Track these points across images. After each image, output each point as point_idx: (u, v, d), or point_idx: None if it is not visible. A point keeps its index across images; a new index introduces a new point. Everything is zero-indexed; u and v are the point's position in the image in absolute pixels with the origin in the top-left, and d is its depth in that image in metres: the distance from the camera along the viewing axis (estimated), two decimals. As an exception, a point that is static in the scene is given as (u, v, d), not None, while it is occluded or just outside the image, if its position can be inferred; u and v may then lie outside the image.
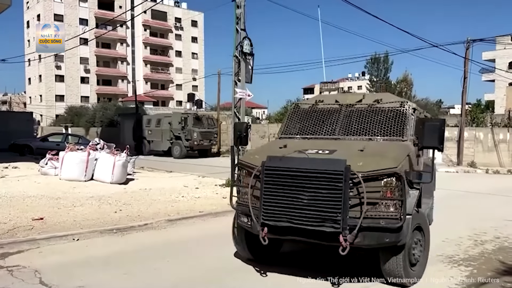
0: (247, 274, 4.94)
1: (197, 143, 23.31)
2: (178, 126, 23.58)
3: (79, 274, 4.80)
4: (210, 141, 24.55)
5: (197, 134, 23.21)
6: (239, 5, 11.52)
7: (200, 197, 9.91)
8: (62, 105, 55.35)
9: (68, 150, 11.69)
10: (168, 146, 24.26)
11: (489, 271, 5.11)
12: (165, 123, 24.61)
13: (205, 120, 24.68)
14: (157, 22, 67.10)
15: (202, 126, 23.96)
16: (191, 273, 4.97)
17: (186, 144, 23.30)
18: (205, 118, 25.03)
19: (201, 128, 23.74)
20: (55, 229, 6.56)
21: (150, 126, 25.48)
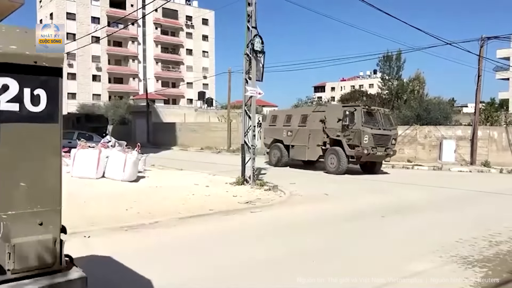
0: (258, 272, 4.91)
1: (368, 151, 15.08)
2: (337, 124, 15.75)
3: (90, 272, 4.77)
4: (386, 149, 15.92)
5: (369, 138, 15.16)
6: (250, 2, 11.47)
7: (211, 195, 9.90)
8: (74, 102, 55.82)
9: (79, 147, 11.77)
10: (318, 154, 16.63)
11: (505, 273, 5.01)
12: (314, 120, 16.92)
13: (380, 117, 16.06)
14: (168, 20, 67.28)
15: (376, 126, 15.65)
16: (202, 271, 4.95)
17: (350, 153, 15.30)
18: (381, 113, 16.28)
19: (374, 128, 15.51)
20: (66, 226, 6.57)
21: (291, 124, 17.99)
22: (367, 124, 15.20)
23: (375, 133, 15.26)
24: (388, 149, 15.95)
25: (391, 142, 16.06)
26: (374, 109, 16.43)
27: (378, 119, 15.73)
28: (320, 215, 8.46)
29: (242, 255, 5.61)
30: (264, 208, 8.85)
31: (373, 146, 15.08)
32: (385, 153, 15.85)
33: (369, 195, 11.23)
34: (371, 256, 5.66)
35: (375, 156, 15.54)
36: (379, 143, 15.36)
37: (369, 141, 14.99)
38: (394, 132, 16.57)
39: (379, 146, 15.39)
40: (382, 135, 15.53)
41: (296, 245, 6.14)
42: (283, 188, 11.05)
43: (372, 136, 15.07)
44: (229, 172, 13.50)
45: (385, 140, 15.73)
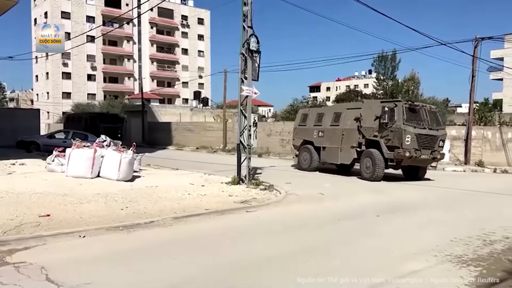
0: (255, 272, 4.91)
1: (410, 154, 13.08)
2: (374, 123, 13.75)
3: (86, 270, 4.79)
4: (433, 152, 13.85)
5: (412, 138, 13.17)
6: (246, 2, 11.46)
7: (206, 194, 9.89)
8: (69, 102, 55.66)
9: (74, 147, 11.71)
10: (352, 157, 14.55)
11: (499, 272, 5.05)
12: (348, 118, 14.87)
13: (425, 114, 13.89)
14: (164, 19, 67.19)
15: (420, 124, 13.58)
16: (197, 270, 4.95)
17: (389, 156, 13.35)
18: (426, 110, 14.08)
19: (418, 127, 13.46)
20: (61, 225, 6.57)
21: (322, 123, 15.96)
22: (410, 122, 13.23)
23: (419, 133, 13.28)
24: (435, 152, 13.80)
25: (438, 144, 13.90)
26: (419, 105, 14.18)
27: (423, 117, 13.64)
28: (316, 214, 8.48)
29: (238, 254, 5.61)
30: (260, 208, 8.86)
31: (416, 148, 13.16)
32: (431, 156, 13.73)
33: (364, 194, 11.27)
34: (366, 256, 5.68)
35: (419, 160, 13.50)
36: (424, 144, 13.42)
37: (411, 142, 13.07)
38: (442, 132, 14.30)
39: (424, 148, 13.45)
40: (427, 136, 13.49)
41: (291, 245, 6.15)
42: (279, 188, 11.06)
43: (415, 136, 13.14)
44: (224, 171, 13.49)
45: (431, 141, 13.65)
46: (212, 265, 5.17)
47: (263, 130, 24.68)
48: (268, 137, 25.45)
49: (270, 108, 67.47)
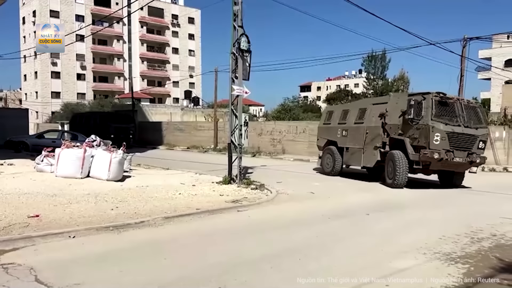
0: (246, 271, 4.92)
1: (440, 156, 11.16)
2: (400, 119, 12.02)
3: (75, 271, 4.76)
4: (470, 155, 11.67)
5: (442, 137, 11.22)
6: (236, 2, 11.46)
7: (197, 194, 9.88)
8: (58, 101, 55.17)
9: (64, 147, 11.62)
10: (375, 159, 12.72)
11: (486, 269, 5.12)
12: (373, 114, 13.05)
13: (460, 109, 11.70)
14: (154, 18, 66.89)
15: (454, 121, 11.52)
16: (188, 270, 4.95)
17: (414, 157, 11.46)
18: (463, 105, 11.88)
19: (451, 124, 11.44)
20: (51, 226, 6.52)
21: (347, 121, 14.33)
22: (440, 118, 11.30)
23: (452, 131, 11.32)
24: (473, 155, 11.61)
25: (477, 145, 11.73)
26: (452, 98, 12.05)
27: (458, 112, 11.55)
28: (306, 213, 8.51)
29: (229, 253, 5.62)
30: (251, 207, 8.87)
31: (448, 149, 11.24)
32: (467, 159, 11.58)
33: (355, 193, 11.34)
34: (356, 254, 5.73)
35: (451, 164, 11.55)
36: (457, 145, 11.42)
37: (441, 142, 11.15)
38: (483, 131, 12.02)
39: (458, 149, 11.42)
40: (462, 135, 11.45)
41: (282, 244, 6.18)
42: (270, 187, 11.08)
43: (446, 135, 11.21)
44: (215, 171, 13.48)
45: (467, 142, 11.56)
46: (203, 264, 5.17)
47: (254, 129, 24.72)
48: (259, 137, 25.48)
49: (261, 108, 67.59)
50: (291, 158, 22.03)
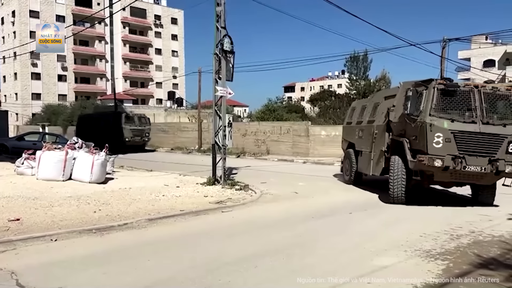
0: (230, 271, 4.95)
1: (442, 163, 8.44)
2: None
3: (58, 275, 4.72)
4: (494, 162, 8.52)
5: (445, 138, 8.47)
6: (219, 2, 11.48)
7: (181, 195, 9.86)
8: (39, 103, 54.26)
9: (45, 149, 11.47)
10: (381, 166, 10.45)
11: (465, 265, 5.25)
12: (383, 110, 10.75)
13: (479, 99, 8.66)
14: (136, 19, 66.33)
15: (466, 116, 8.58)
16: (173, 271, 4.95)
17: (412, 165, 8.90)
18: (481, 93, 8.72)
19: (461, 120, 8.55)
20: (32, 230, 6.44)
21: (363, 118, 12.26)
22: (444, 113, 8.50)
23: (461, 130, 8.40)
24: (498, 162, 8.39)
25: (506, 148, 8.48)
26: (468, 84, 9.02)
27: (474, 104, 8.51)
28: (290, 213, 8.57)
29: (213, 254, 5.63)
30: (235, 208, 8.90)
31: (455, 155, 8.34)
32: (490, 168, 8.43)
33: (338, 192, 11.44)
34: (339, 252, 5.81)
35: (464, 175, 8.61)
36: (472, 149, 8.42)
37: (445, 145, 8.34)
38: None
39: (474, 154, 8.42)
40: (479, 134, 8.40)
41: (266, 243, 6.22)
42: (254, 188, 11.12)
43: (451, 135, 8.36)
44: (200, 172, 13.47)
45: (488, 144, 8.45)
46: (188, 265, 5.18)
47: (238, 130, 24.72)
48: (243, 137, 25.49)
49: (245, 108, 67.62)
50: (276, 159, 22.11)
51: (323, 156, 21.17)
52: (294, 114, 32.50)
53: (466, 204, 9.72)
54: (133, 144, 25.72)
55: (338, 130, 22.16)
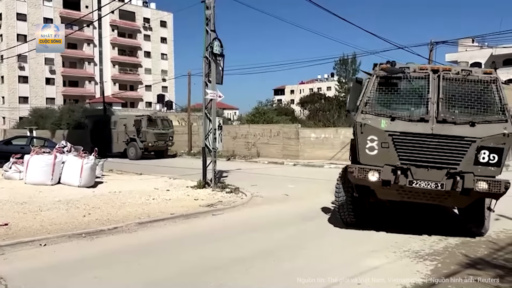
0: (221, 274, 4.96)
1: (378, 177, 6.13)
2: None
3: (47, 279, 4.69)
4: (455, 176, 5.90)
5: (381, 142, 6.09)
6: (208, 6, 11.50)
7: (171, 199, 9.84)
8: (26, 107, 53.56)
9: (33, 153, 11.36)
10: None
11: (453, 265, 5.32)
12: None
13: (437, 88, 6.10)
14: (125, 22, 66.00)
15: (411, 112, 6.21)
16: (163, 276, 4.94)
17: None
18: (442, 80, 6.23)
19: (404, 116, 6.10)
20: (20, 234, 6.38)
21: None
22: (384, 108, 6.43)
23: (403, 131, 6.18)
24: (460, 176, 5.99)
25: (474, 156, 6.01)
26: (424, 68, 6.59)
27: (429, 95, 6.24)
28: (281, 215, 8.61)
29: (204, 257, 5.64)
30: (226, 211, 8.90)
31: (395, 165, 6.18)
32: (448, 186, 6.08)
33: (328, 194, 11.47)
34: (329, 254, 5.85)
35: (414, 193, 6.40)
36: (421, 157, 6.15)
37: (381, 151, 6.26)
38: (491, 129, 6.01)
39: (425, 165, 6.15)
40: (430, 137, 6.08)
41: (257, 246, 6.24)
42: (245, 190, 11.13)
43: (390, 139, 6.23)
44: (190, 175, 13.44)
45: (445, 151, 6.07)
46: (179, 269, 5.18)
47: (228, 133, 24.72)
48: (233, 140, 25.49)
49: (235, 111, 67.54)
50: (266, 161, 22.15)
51: (313, 158, 21.27)
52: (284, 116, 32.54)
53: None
54: (156, 149, 24.59)
55: (328, 132, 22.39)
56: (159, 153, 24.88)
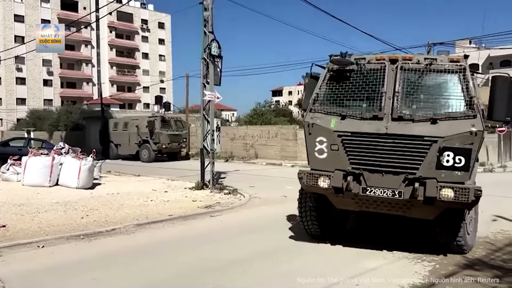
0: (219, 276, 4.96)
1: (329, 183, 5.30)
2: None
3: (45, 281, 4.68)
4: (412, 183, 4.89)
5: (330, 144, 5.13)
6: (206, 7, 11.51)
7: (169, 200, 9.83)
8: (24, 108, 53.47)
9: (31, 155, 11.34)
10: None
11: (451, 266, 5.33)
12: None
13: (394, 80, 5.22)
14: (123, 23, 65.95)
15: (361, 110, 5.48)
16: (161, 277, 4.93)
17: None
18: (400, 71, 5.31)
19: (355, 115, 5.35)
20: (18, 236, 6.36)
21: None
22: (332, 105, 5.82)
23: (353, 132, 5.50)
24: (420, 183, 5.20)
25: (435, 159, 5.16)
26: (380, 59, 5.74)
27: (384, 89, 5.46)
28: (279, 216, 8.59)
29: (202, 259, 5.64)
30: (224, 212, 8.90)
31: (346, 170, 5.52)
32: (405, 194, 5.27)
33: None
34: (328, 254, 5.85)
35: (372, 202, 5.62)
36: (375, 160, 5.41)
37: (331, 154, 5.65)
38: (455, 127, 5.13)
39: (379, 170, 5.40)
40: (383, 137, 5.34)
41: (255, 247, 6.24)
42: (243, 192, 11.13)
43: (339, 140, 5.58)
44: (188, 177, 13.44)
45: (400, 154, 5.29)
46: (177, 270, 5.18)
47: (226, 134, 24.73)
48: (231, 142, 25.51)
49: (233, 113, 67.59)
50: (264, 163, 22.15)
51: (311, 159, 21.23)
52: (282, 118, 32.60)
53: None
54: (170, 151, 23.87)
55: (326, 133, 22.40)
56: (172, 155, 24.06)
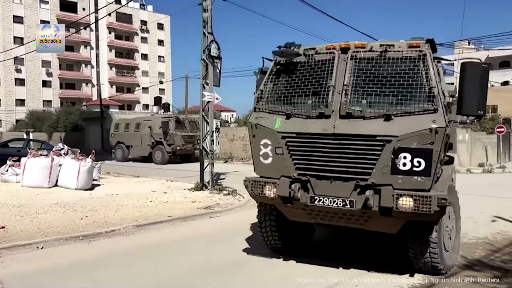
0: (219, 277, 4.95)
1: (275, 191, 4.76)
2: None
3: (45, 282, 4.68)
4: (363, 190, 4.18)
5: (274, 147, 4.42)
6: (206, 9, 11.52)
7: (169, 201, 9.83)
8: (23, 109, 53.45)
9: (30, 156, 11.33)
10: None
11: (450, 266, 5.32)
12: None
13: (343, 71, 4.48)
14: (122, 24, 65.94)
15: (304, 106, 4.76)
16: (161, 278, 4.93)
17: None
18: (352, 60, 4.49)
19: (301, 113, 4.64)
20: (17, 237, 6.36)
21: None
22: (278, 103, 5.10)
23: (297, 132, 4.82)
24: (369, 191, 4.46)
25: (392, 163, 4.39)
26: (330, 47, 5.00)
27: (329, 82, 4.76)
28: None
29: (202, 260, 5.64)
30: (224, 213, 8.90)
31: (292, 177, 4.84)
32: (354, 203, 4.53)
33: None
34: (324, 255, 5.84)
35: (322, 212, 4.86)
36: (314, 165, 4.73)
37: (276, 159, 5.02)
38: (415, 125, 4.34)
39: (319, 175, 4.72)
40: (328, 139, 4.62)
41: (255, 248, 6.23)
42: (242, 193, 11.10)
43: (284, 143, 4.89)
44: (187, 178, 13.43)
45: (343, 158, 4.57)
46: (177, 271, 5.17)
47: (226, 135, 24.72)
48: (231, 142, 25.51)
49: (233, 113, 67.53)
50: (263, 163, 22.08)
51: (311, 160, 21.23)
52: (282, 118, 32.56)
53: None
54: (184, 153, 22.97)
55: (325, 134, 22.40)
56: (185, 157, 23.20)
